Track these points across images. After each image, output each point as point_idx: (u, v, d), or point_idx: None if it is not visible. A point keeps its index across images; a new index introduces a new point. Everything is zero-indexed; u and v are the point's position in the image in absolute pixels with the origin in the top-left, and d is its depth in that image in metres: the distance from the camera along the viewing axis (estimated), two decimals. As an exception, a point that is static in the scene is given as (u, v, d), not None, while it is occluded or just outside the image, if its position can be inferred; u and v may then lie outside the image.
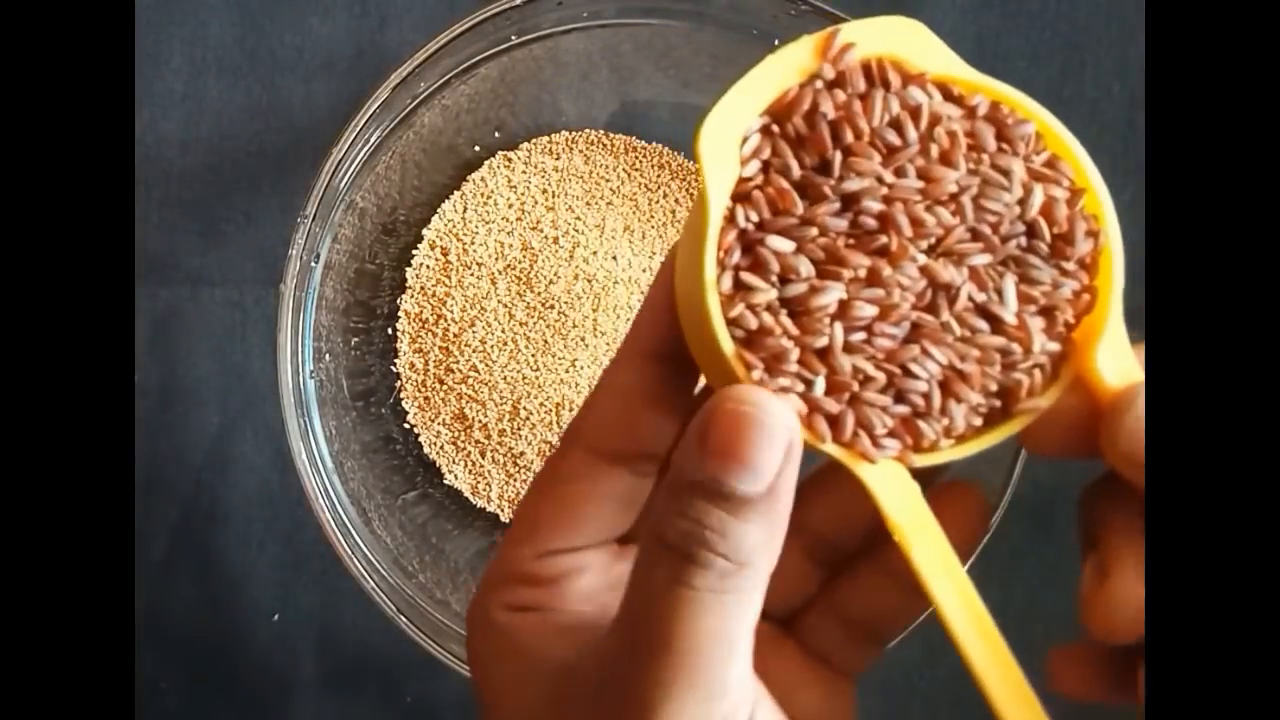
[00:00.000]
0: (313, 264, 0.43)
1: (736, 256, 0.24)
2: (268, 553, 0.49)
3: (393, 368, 0.49)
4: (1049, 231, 0.25)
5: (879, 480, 0.25)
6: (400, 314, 0.49)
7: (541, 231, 0.48)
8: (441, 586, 0.45)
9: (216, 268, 0.49)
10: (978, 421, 0.25)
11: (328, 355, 0.45)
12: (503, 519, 0.49)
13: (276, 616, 0.49)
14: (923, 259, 0.24)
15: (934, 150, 0.25)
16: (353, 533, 0.43)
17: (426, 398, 0.49)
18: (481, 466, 0.48)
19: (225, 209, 0.49)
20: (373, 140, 0.43)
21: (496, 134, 0.49)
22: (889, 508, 0.25)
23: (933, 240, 0.25)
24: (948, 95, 0.25)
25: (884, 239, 0.24)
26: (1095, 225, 0.25)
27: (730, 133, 0.24)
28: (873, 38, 0.25)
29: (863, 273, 0.24)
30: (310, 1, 0.49)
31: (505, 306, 0.48)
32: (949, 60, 0.25)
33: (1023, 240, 0.25)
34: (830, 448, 0.24)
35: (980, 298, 0.25)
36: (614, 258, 0.48)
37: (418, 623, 0.42)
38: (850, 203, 0.24)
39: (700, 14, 0.44)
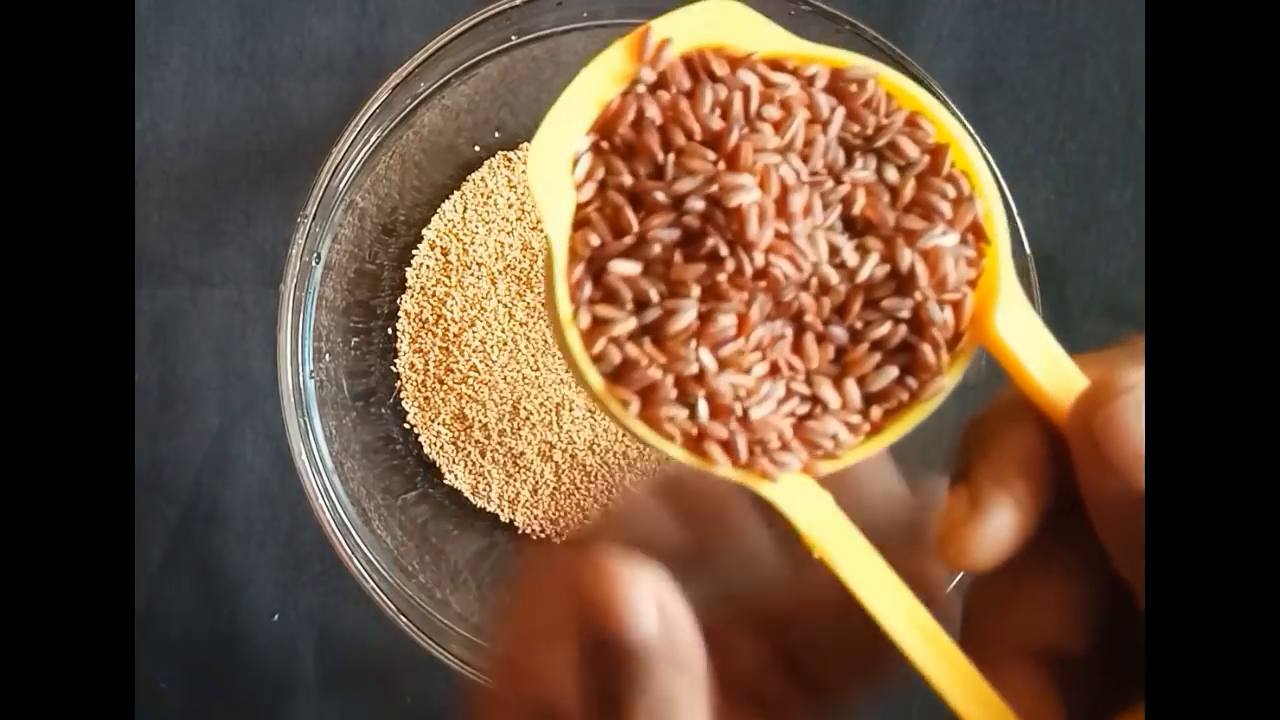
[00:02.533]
0: (313, 264, 0.43)
1: (588, 289, 0.22)
2: (268, 553, 0.49)
3: (393, 368, 0.49)
4: (920, 197, 0.23)
5: (786, 496, 0.23)
6: (400, 314, 0.49)
7: (542, 231, 0.48)
8: (441, 586, 0.45)
9: (216, 268, 0.49)
10: (879, 415, 0.24)
11: (328, 355, 0.45)
12: (502, 519, 0.49)
13: (276, 616, 0.49)
14: (760, 259, 0.22)
15: (766, 129, 0.23)
16: (353, 533, 0.43)
17: (426, 398, 0.49)
18: (481, 466, 0.48)
19: (225, 209, 0.49)
20: (373, 140, 0.43)
21: (496, 134, 0.49)
22: (803, 524, 0.23)
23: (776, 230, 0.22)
24: (781, 72, 0.23)
25: (710, 242, 0.22)
26: (968, 185, 0.23)
27: (559, 159, 0.23)
28: (690, 29, 0.23)
29: (709, 282, 0.22)
30: (310, 2, 0.49)
31: (505, 306, 0.48)
32: (777, 36, 0.23)
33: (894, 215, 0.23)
34: (728, 471, 0.23)
35: (858, 279, 0.23)
36: (614, 258, 0.48)
37: (418, 623, 0.42)
38: (681, 206, 0.22)
39: (700, 14, 0.44)
